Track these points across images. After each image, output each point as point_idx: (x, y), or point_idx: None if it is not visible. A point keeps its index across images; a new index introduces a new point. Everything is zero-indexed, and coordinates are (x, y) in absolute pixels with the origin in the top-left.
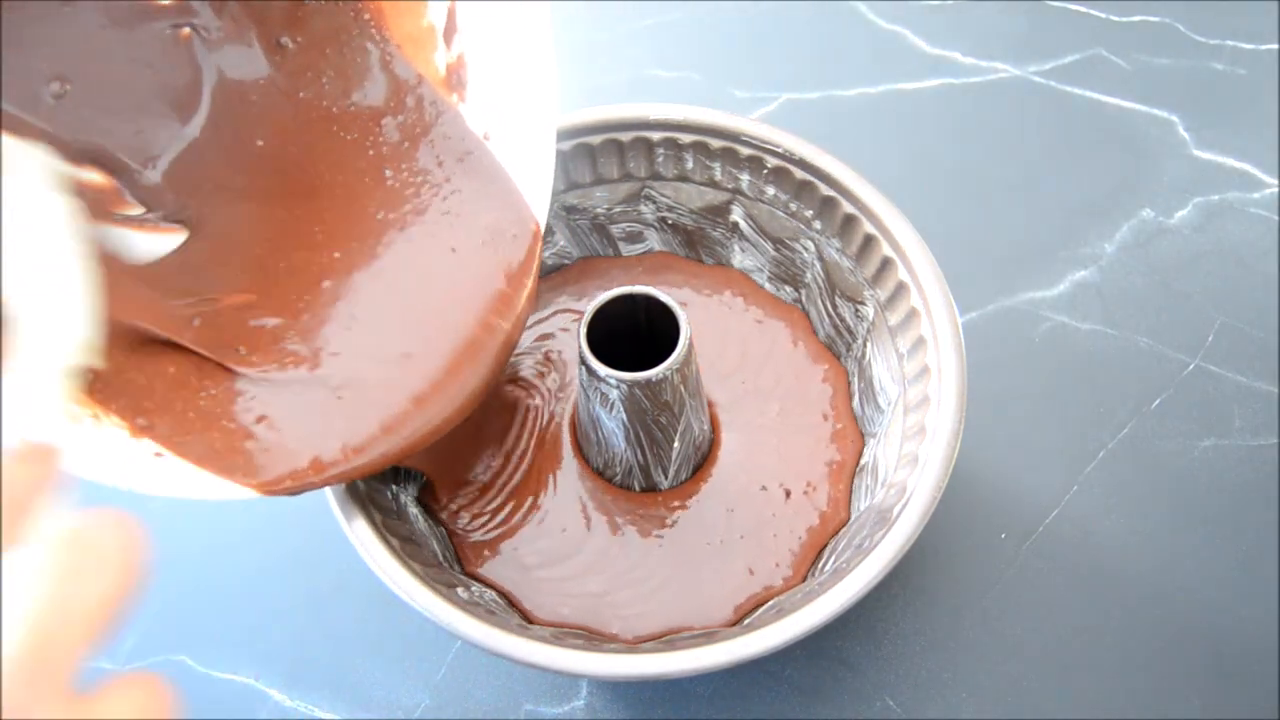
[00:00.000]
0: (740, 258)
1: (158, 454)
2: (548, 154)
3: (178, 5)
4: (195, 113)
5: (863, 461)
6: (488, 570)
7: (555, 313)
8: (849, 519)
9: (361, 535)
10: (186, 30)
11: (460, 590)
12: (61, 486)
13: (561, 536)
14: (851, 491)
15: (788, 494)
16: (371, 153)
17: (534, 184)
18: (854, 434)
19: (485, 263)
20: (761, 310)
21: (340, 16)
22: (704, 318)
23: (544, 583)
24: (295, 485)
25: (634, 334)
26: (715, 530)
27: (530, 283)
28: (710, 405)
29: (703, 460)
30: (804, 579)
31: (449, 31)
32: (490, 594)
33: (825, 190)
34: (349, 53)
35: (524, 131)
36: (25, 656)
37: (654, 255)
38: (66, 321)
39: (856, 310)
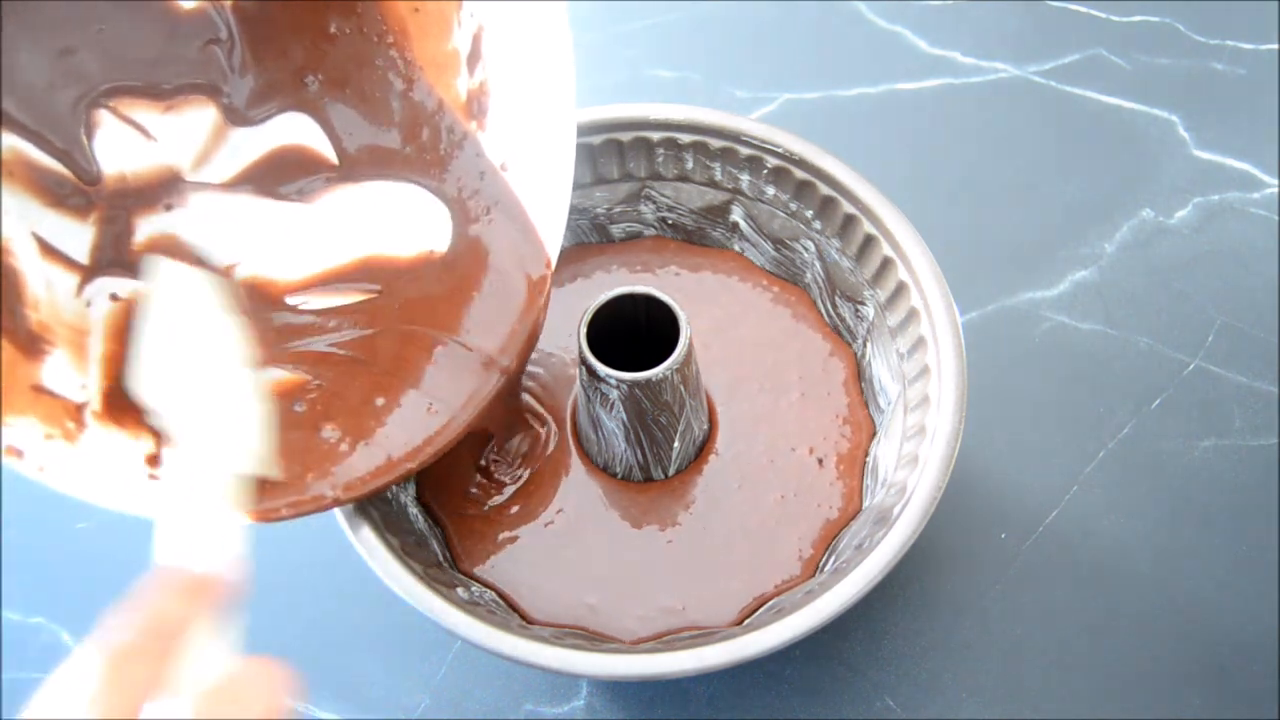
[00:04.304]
0: None
1: (152, 475)
2: (564, 186)
3: (202, 9)
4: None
5: (866, 458)
6: (487, 570)
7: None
8: (861, 508)
9: (362, 535)
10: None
11: (460, 590)
12: (218, 620)
13: (562, 535)
14: (863, 483)
15: (820, 463)
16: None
17: (549, 216)
18: (867, 421)
19: (500, 295)
20: (766, 295)
21: (363, 43)
22: (707, 309)
23: (544, 582)
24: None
25: (634, 334)
26: (723, 522)
27: (537, 314)
28: (710, 404)
29: (699, 452)
30: (817, 567)
31: (473, 58)
32: (490, 594)
33: (825, 190)
34: (369, 86)
35: (542, 162)
36: None
37: (649, 240)
38: (238, 435)
39: (856, 310)
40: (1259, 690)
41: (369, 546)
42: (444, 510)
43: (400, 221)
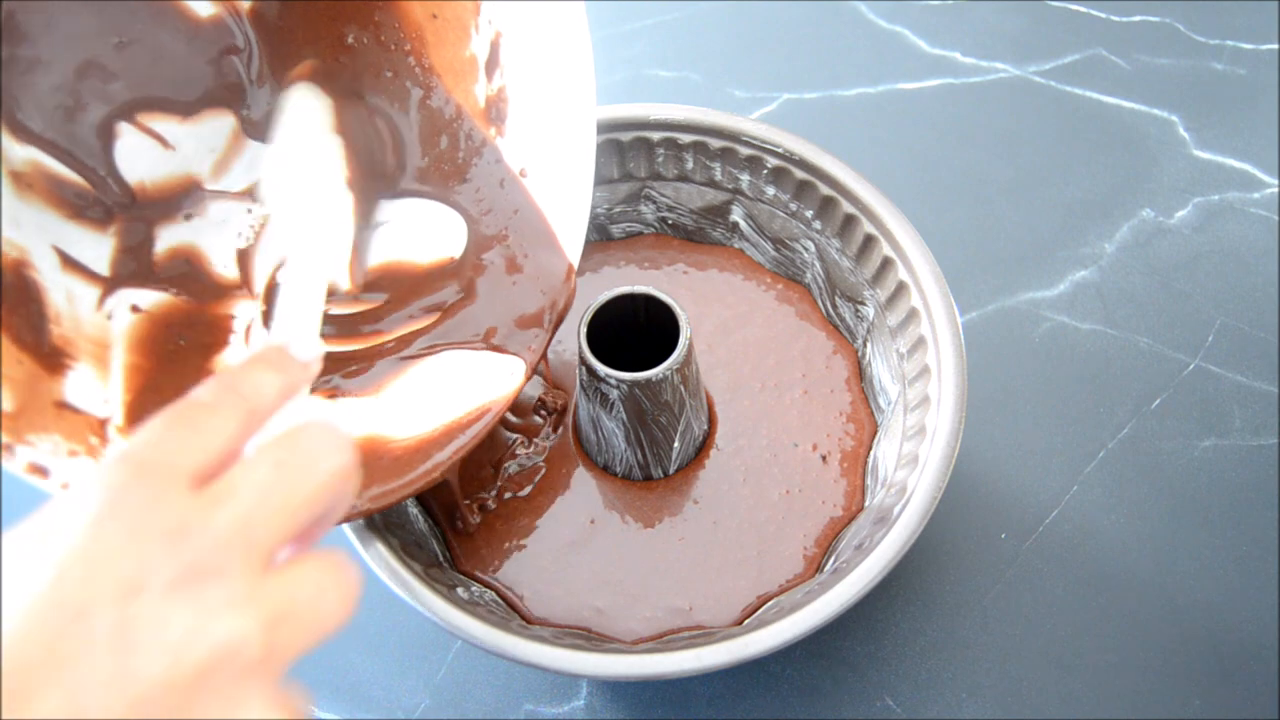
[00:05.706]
0: None
1: None
2: (585, 189)
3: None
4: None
5: (868, 457)
6: (488, 570)
7: None
8: (863, 507)
9: (362, 535)
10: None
11: (460, 590)
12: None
13: (568, 538)
14: (865, 480)
15: (824, 459)
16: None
17: (569, 221)
18: (870, 419)
19: (523, 300)
20: (770, 292)
21: (380, 52)
22: (712, 308)
23: (550, 585)
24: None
25: (634, 333)
26: (730, 517)
27: (558, 318)
28: (710, 402)
29: (698, 451)
30: (820, 565)
31: (491, 64)
32: (490, 594)
33: (825, 190)
34: (387, 96)
35: (563, 167)
36: (235, 520)
37: (650, 237)
38: (329, 248)
39: (856, 310)
40: (1259, 690)
41: (369, 546)
42: (444, 511)
43: (421, 228)
